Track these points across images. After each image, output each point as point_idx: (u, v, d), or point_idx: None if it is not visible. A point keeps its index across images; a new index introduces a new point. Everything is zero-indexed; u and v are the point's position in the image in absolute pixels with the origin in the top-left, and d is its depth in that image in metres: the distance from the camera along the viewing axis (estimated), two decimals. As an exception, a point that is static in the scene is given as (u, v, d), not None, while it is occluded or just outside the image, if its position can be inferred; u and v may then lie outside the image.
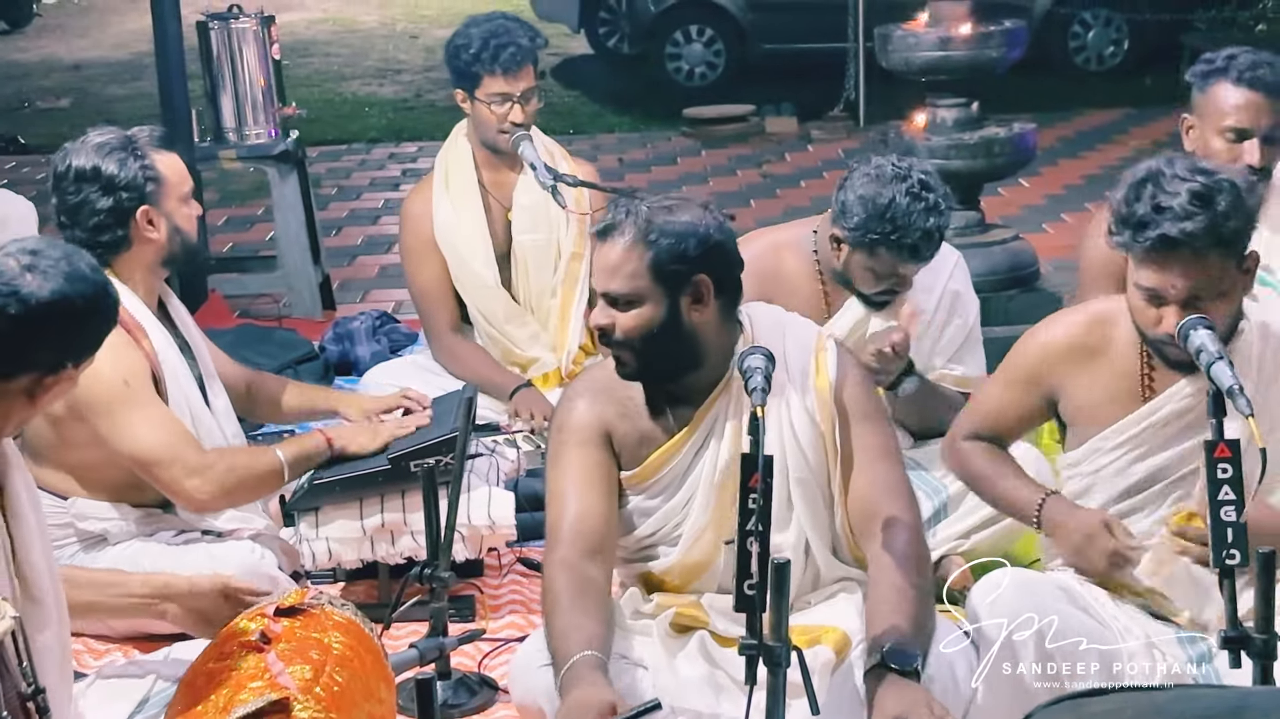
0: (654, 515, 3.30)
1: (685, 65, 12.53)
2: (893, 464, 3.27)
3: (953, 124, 6.01)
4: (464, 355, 4.90)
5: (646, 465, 3.27)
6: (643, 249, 3.15)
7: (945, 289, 4.24)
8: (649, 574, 3.35)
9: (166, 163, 3.92)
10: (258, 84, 6.76)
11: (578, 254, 4.97)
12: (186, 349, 4.04)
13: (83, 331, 2.75)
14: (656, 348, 3.18)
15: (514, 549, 4.38)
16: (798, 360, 3.29)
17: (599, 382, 3.31)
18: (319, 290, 6.99)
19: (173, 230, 3.92)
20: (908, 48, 5.95)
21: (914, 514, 3.22)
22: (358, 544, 4.00)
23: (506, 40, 4.78)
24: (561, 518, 3.20)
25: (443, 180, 4.98)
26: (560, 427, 3.31)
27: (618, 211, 3.20)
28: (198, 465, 3.77)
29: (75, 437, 3.81)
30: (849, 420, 3.26)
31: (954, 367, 4.24)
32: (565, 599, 3.05)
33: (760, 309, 3.38)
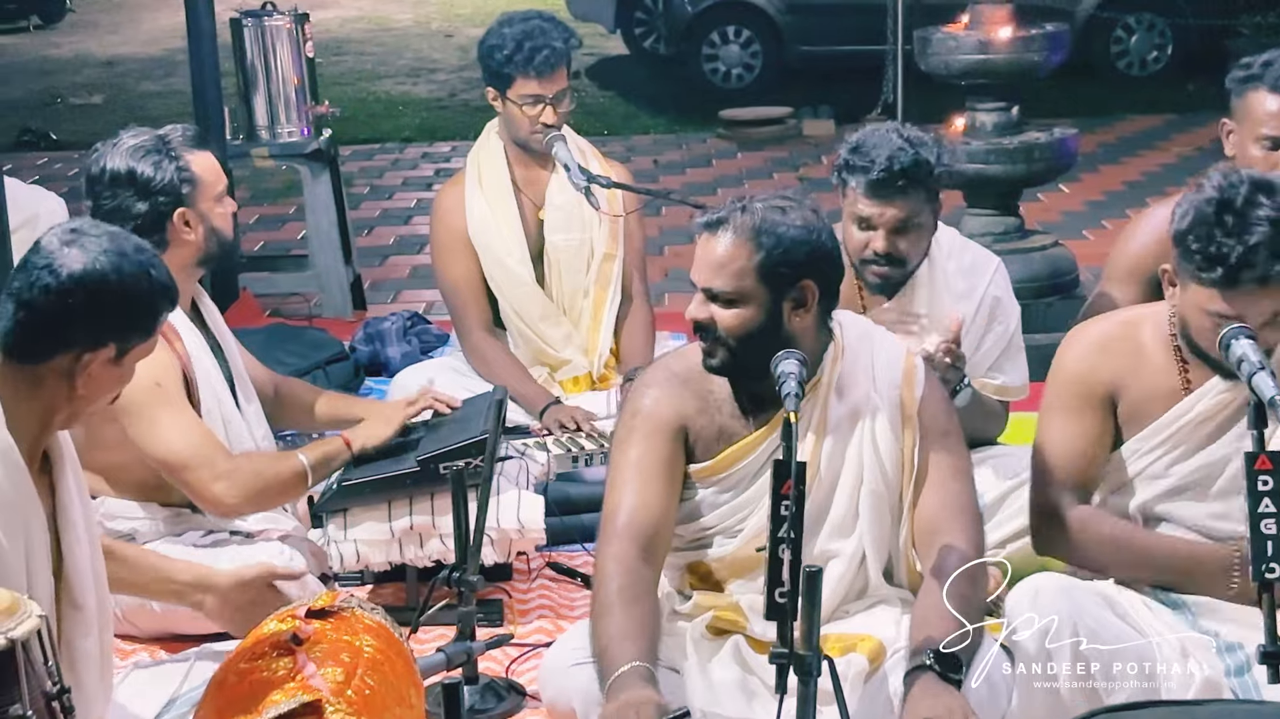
0: (720, 508, 3.30)
1: (722, 67, 12.52)
2: (964, 485, 3.28)
3: (992, 128, 6.00)
4: (494, 360, 4.90)
5: (720, 459, 3.27)
6: (752, 248, 3.14)
7: (985, 295, 4.22)
8: (698, 564, 3.34)
9: (201, 162, 3.94)
10: (291, 82, 6.78)
11: (610, 255, 4.97)
12: (218, 351, 4.06)
13: (119, 309, 2.75)
14: (752, 348, 3.16)
15: (543, 554, 4.38)
16: (886, 374, 3.30)
17: (679, 372, 3.31)
18: (350, 290, 7.01)
19: (209, 230, 3.94)
20: (948, 51, 5.94)
21: (976, 539, 3.23)
22: (386, 546, 4.01)
23: (540, 42, 4.78)
24: (619, 508, 3.19)
25: (475, 177, 4.99)
26: (632, 412, 3.30)
27: (731, 206, 3.19)
28: (224, 470, 3.79)
29: (105, 437, 3.83)
30: (929, 437, 3.28)
31: (994, 375, 4.22)
32: (618, 601, 3.05)
33: (848, 317, 3.38)
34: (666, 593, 3.36)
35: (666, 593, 3.36)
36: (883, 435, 3.27)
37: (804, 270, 3.16)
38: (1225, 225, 3.08)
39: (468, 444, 3.90)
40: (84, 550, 2.86)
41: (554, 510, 4.23)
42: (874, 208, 3.94)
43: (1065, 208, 8.90)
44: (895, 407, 3.28)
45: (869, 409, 3.26)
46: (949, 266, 4.17)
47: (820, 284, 3.20)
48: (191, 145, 3.94)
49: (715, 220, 3.18)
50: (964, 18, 6.01)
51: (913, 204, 3.94)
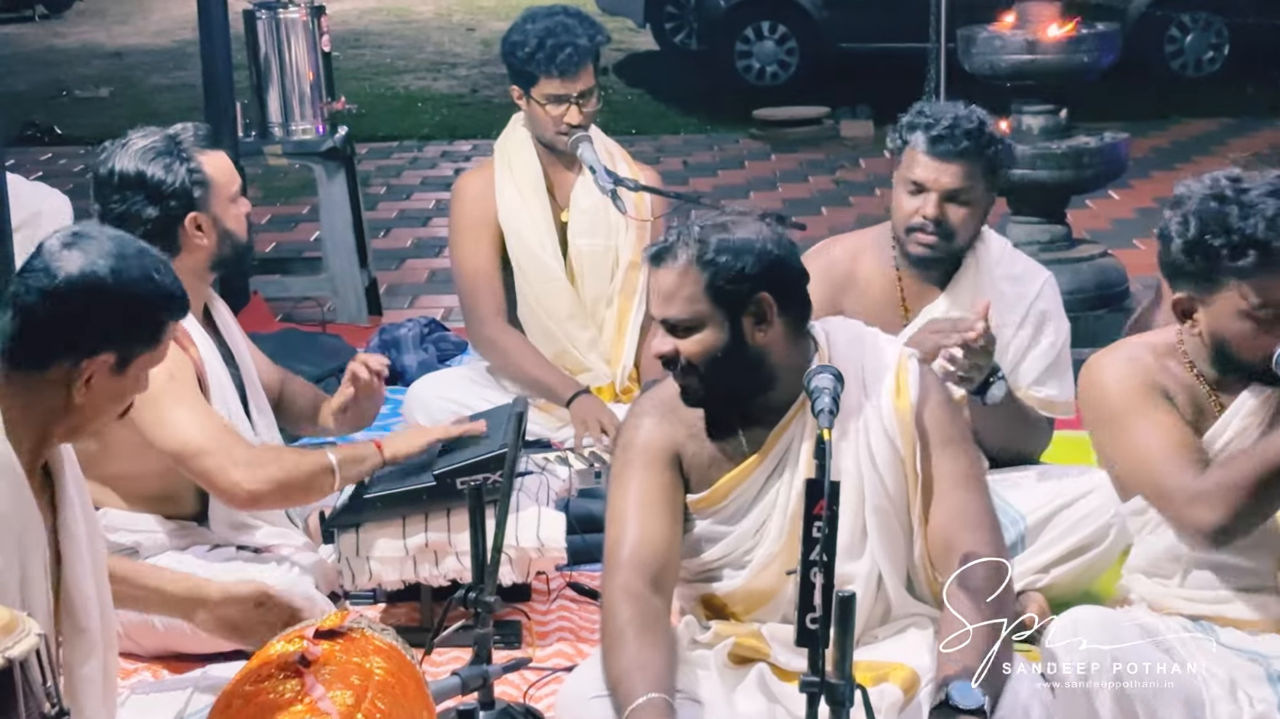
0: (722, 541, 3.30)
1: (756, 64, 12.53)
2: (976, 492, 3.26)
3: (1039, 132, 6.00)
4: (511, 348, 4.89)
5: (716, 489, 3.28)
6: (698, 271, 3.16)
7: (1032, 308, 4.23)
8: (710, 597, 3.35)
9: (214, 163, 3.95)
10: (306, 77, 6.81)
11: (636, 262, 4.97)
12: (231, 359, 4.07)
13: (117, 315, 2.75)
14: (722, 373, 3.19)
15: (564, 573, 4.38)
16: (877, 379, 3.28)
17: (667, 400, 3.31)
18: (365, 295, 7.03)
19: (223, 234, 3.96)
20: (993, 50, 5.94)
21: (997, 548, 3.21)
22: (400, 564, 4.01)
23: (565, 40, 4.78)
24: (621, 542, 3.21)
25: (505, 165, 4.98)
26: (626, 445, 3.32)
27: (669, 233, 3.23)
28: (245, 458, 3.79)
29: (119, 443, 3.82)
30: (931, 444, 3.26)
31: (1039, 389, 4.22)
32: (630, 632, 3.06)
33: (837, 324, 3.38)
34: (686, 621, 3.36)
35: (686, 621, 3.36)
36: (880, 446, 3.25)
37: (756, 283, 3.17)
38: (1234, 213, 3.18)
39: (486, 459, 3.90)
40: (86, 569, 2.86)
41: (575, 528, 4.23)
42: (930, 169, 4.04)
43: (1115, 215, 8.88)
44: (890, 414, 3.26)
45: (862, 420, 3.25)
46: (997, 273, 4.19)
47: (778, 294, 3.20)
48: (204, 145, 3.95)
49: (659, 251, 3.22)
50: (1010, 16, 6.00)
51: (970, 171, 4.05)
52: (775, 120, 11.31)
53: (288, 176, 9.41)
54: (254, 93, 6.89)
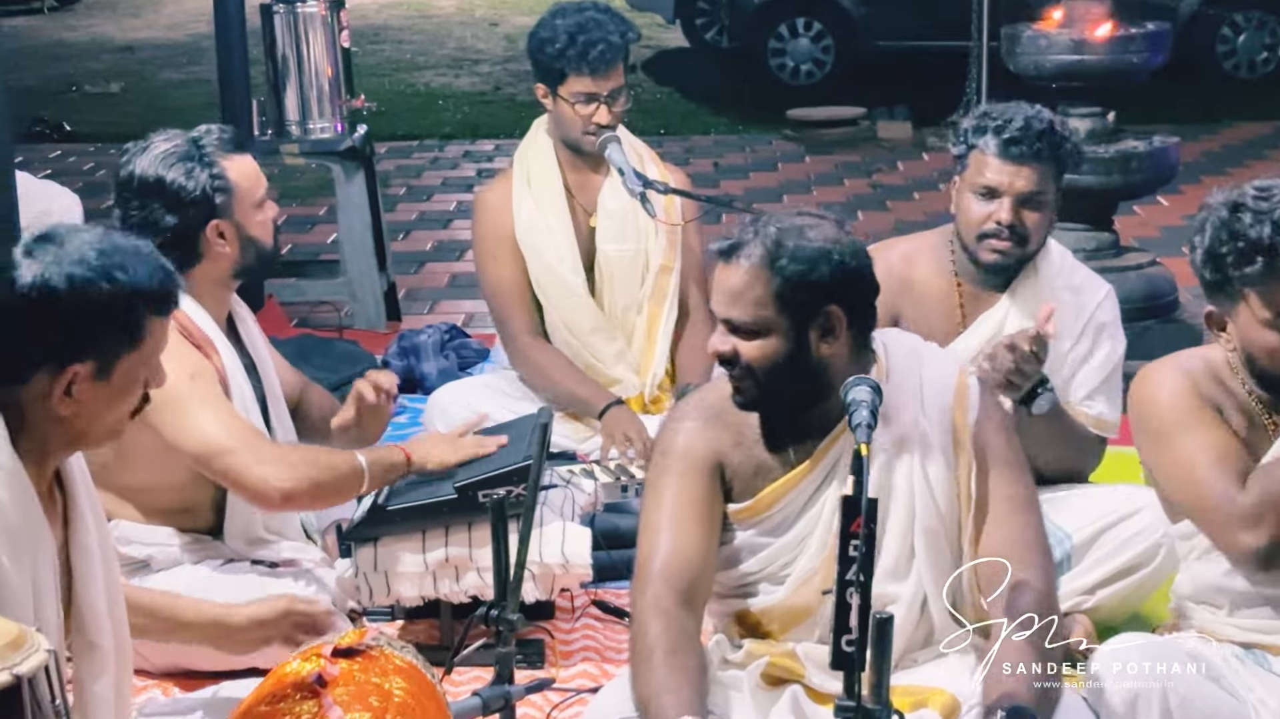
0: (762, 553, 3.29)
1: (790, 62, 12.53)
2: (1030, 517, 3.24)
3: (1086, 135, 5.97)
4: (546, 364, 4.91)
5: (760, 499, 3.26)
6: (769, 275, 3.13)
7: (1092, 319, 4.22)
8: (745, 613, 3.34)
9: (238, 169, 3.94)
10: (324, 74, 6.82)
11: (667, 267, 4.97)
12: (253, 370, 4.07)
13: (76, 322, 2.72)
14: (780, 381, 3.16)
15: (589, 591, 4.38)
16: (935, 396, 3.27)
17: (712, 405, 3.30)
18: (384, 299, 7.04)
19: (246, 241, 3.96)
20: (1038, 50, 5.92)
21: (1048, 575, 3.20)
22: (419, 580, 4.01)
23: (596, 36, 4.79)
24: (653, 554, 3.19)
25: (524, 178, 4.99)
26: (665, 450, 3.29)
27: (744, 230, 3.18)
28: (271, 456, 3.78)
29: (135, 452, 3.82)
30: (987, 466, 3.24)
31: (1090, 404, 4.21)
32: (660, 652, 3.05)
33: (895, 337, 3.36)
34: (717, 639, 3.35)
35: (717, 639, 3.35)
36: (934, 465, 3.23)
37: (829, 295, 3.14)
38: (1246, 220, 3.21)
39: (509, 471, 3.90)
40: (99, 585, 2.87)
41: (601, 544, 4.23)
42: (1004, 173, 4.01)
43: (1164, 222, 8.86)
44: (947, 432, 3.25)
45: (918, 437, 3.24)
46: (1058, 282, 4.19)
47: (849, 309, 3.17)
48: (228, 149, 3.94)
49: (729, 247, 3.18)
50: (1056, 14, 5.98)
51: (1044, 174, 4.03)
52: (810, 121, 11.31)
53: (304, 176, 9.44)
54: (270, 90, 6.90)
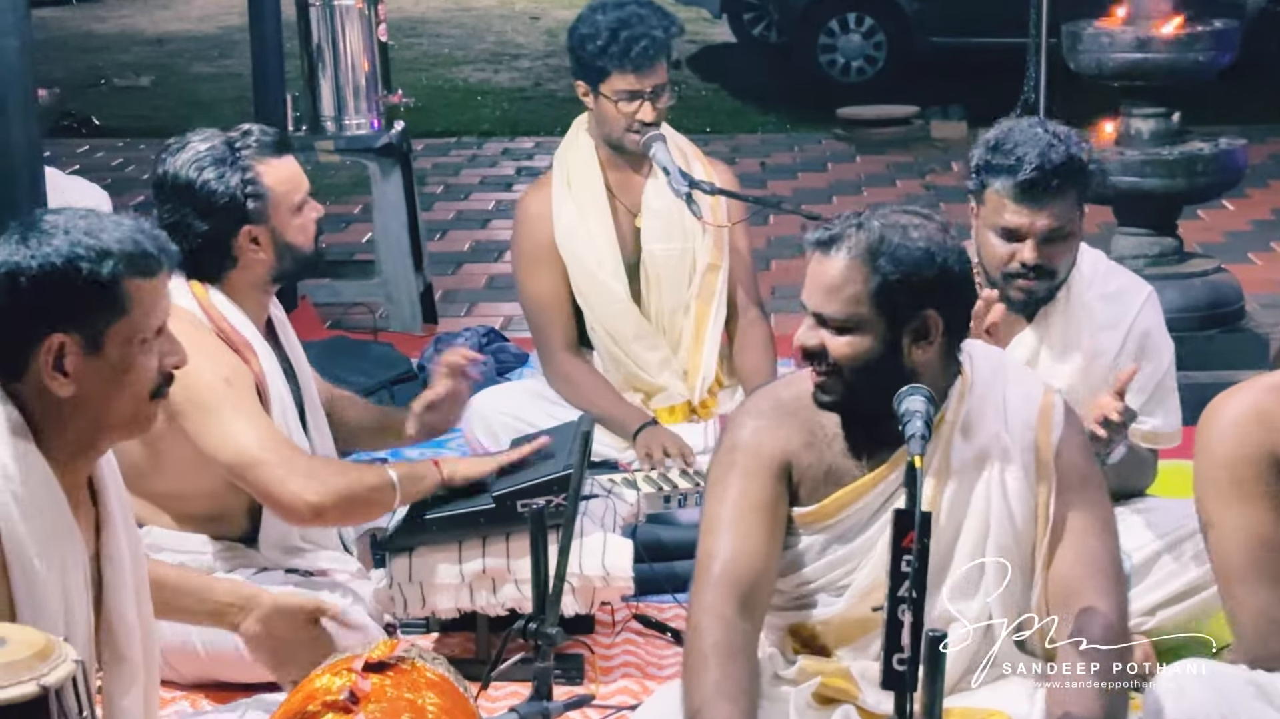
0: (825, 559, 3.28)
1: (841, 59, 12.52)
2: (1106, 542, 3.24)
3: (1149, 137, 5.95)
4: (581, 382, 4.93)
5: (828, 503, 3.25)
6: (868, 272, 3.12)
7: (1133, 327, 4.17)
8: (801, 625, 3.33)
9: (275, 173, 3.95)
10: (361, 68, 6.85)
11: (715, 266, 4.98)
12: (291, 374, 4.10)
13: (44, 296, 2.74)
14: (868, 383, 3.14)
15: (630, 604, 4.38)
16: (1020, 413, 3.27)
17: (785, 402, 3.29)
18: (420, 301, 7.06)
19: (282, 248, 3.97)
20: (1100, 48, 5.90)
21: (1119, 601, 3.20)
22: (455, 591, 4.02)
23: (638, 32, 4.80)
24: (715, 554, 3.18)
25: (564, 180, 5.01)
26: (731, 445, 3.28)
27: (846, 221, 3.17)
28: (304, 468, 3.81)
29: (168, 458, 3.86)
30: (1066, 486, 3.24)
31: (1143, 419, 4.17)
32: (714, 657, 3.05)
33: (980, 349, 3.35)
34: (769, 654, 3.34)
35: (769, 654, 3.34)
36: (1014, 483, 3.23)
37: (927, 299, 3.13)
38: None
39: (549, 480, 3.91)
40: (129, 595, 2.89)
41: (643, 556, 4.22)
42: (1024, 215, 3.90)
43: (1229, 228, 8.82)
44: (1029, 450, 3.25)
45: (998, 452, 3.23)
46: (1091, 293, 4.14)
47: (946, 315, 3.17)
48: (267, 152, 3.94)
49: (828, 238, 3.16)
50: (1120, 11, 5.96)
51: (1066, 209, 3.92)
52: (861, 120, 11.29)
53: (339, 174, 9.48)
54: (305, 84, 6.93)
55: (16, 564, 2.71)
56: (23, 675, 2.32)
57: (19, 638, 2.39)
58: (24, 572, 2.71)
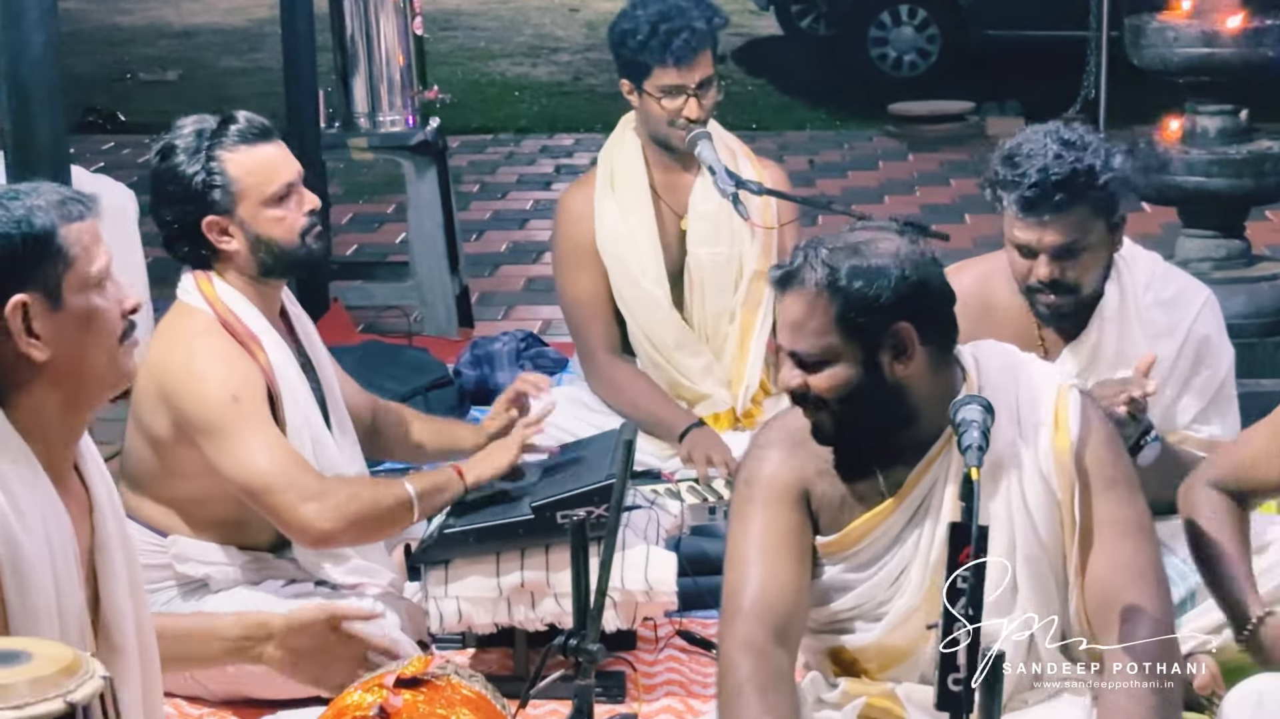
0: (855, 590, 3.29)
1: (892, 52, 12.50)
2: (1142, 542, 3.22)
3: (1216, 135, 5.93)
4: (625, 384, 4.94)
5: (849, 532, 3.26)
6: (827, 300, 3.14)
7: (1190, 332, 4.14)
8: (840, 650, 3.34)
9: (247, 162, 3.93)
10: (395, 63, 6.87)
11: (762, 272, 4.97)
12: (309, 368, 4.11)
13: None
14: (857, 410, 3.17)
15: (673, 620, 4.38)
16: (1033, 412, 3.25)
17: (796, 431, 3.30)
18: (455, 304, 7.07)
19: (255, 240, 3.95)
20: (1165, 42, 5.88)
21: (1163, 604, 3.19)
22: (492, 605, 4.03)
23: (680, 24, 4.80)
24: (742, 588, 3.20)
25: (607, 180, 5.02)
26: (749, 479, 3.31)
27: (795, 256, 3.20)
28: (316, 491, 3.84)
29: (182, 464, 3.90)
30: (1092, 487, 3.22)
31: (1200, 427, 4.15)
32: (751, 691, 3.06)
33: (989, 349, 3.35)
34: (811, 677, 3.34)
35: (811, 677, 3.34)
36: (1032, 488, 3.22)
37: (894, 313, 3.14)
38: None
39: (590, 490, 3.91)
40: (122, 584, 2.92)
41: (687, 570, 4.23)
42: (1030, 231, 3.89)
43: (1298, 229, 8.78)
44: (1047, 453, 3.23)
45: (1014, 458, 3.22)
46: (1146, 299, 4.11)
47: (919, 322, 3.17)
48: (243, 140, 3.94)
49: (783, 275, 3.20)
50: (1185, 4, 5.94)
51: (1075, 223, 3.88)
52: (913, 116, 11.28)
53: (372, 172, 9.51)
54: (338, 79, 6.96)
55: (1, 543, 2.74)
56: (49, 693, 2.33)
57: (45, 653, 2.40)
58: (7, 544, 2.73)
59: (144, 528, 3.95)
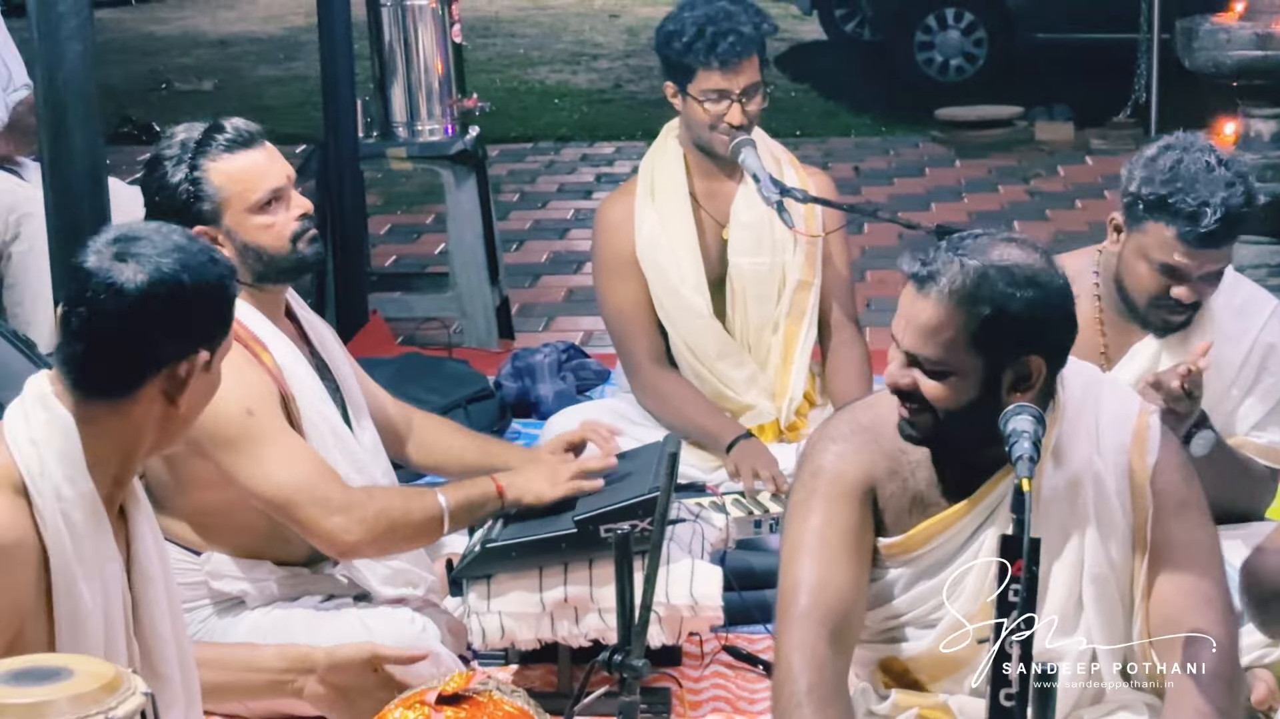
0: (912, 592, 3.28)
1: (939, 56, 12.48)
2: (1210, 567, 3.22)
3: (1270, 139, 5.94)
4: (671, 394, 4.94)
5: (914, 534, 3.24)
6: (967, 316, 3.08)
7: (1257, 340, 4.16)
8: (892, 660, 3.33)
9: (229, 170, 3.93)
10: (434, 71, 6.89)
11: (806, 282, 4.98)
12: (326, 373, 4.13)
13: (202, 308, 2.88)
14: (960, 422, 3.13)
15: (719, 635, 4.39)
16: (1113, 435, 3.25)
17: (867, 426, 3.29)
18: (495, 315, 7.09)
19: (243, 248, 3.94)
20: (1217, 45, 5.88)
21: (1229, 629, 3.18)
22: (535, 621, 4.03)
23: (726, 27, 4.81)
24: (799, 584, 3.17)
25: (648, 188, 5.03)
26: (814, 471, 3.28)
27: (944, 255, 3.11)
28: (342, 503, 3.84)
29: (196, 476, 3.90)
30: (1165, 510, 3.22)
31: (1260, 434, 4.16)
32: (809, 704, 3.04)
33: (1073, 368, 3.30)
34: (861, 689, 3.34)
35: (861, 689, 3.34)
36: (1107, 509, 3.22)
37: (1030, 344, 3.11)
38: None
39: (634, 503, 3.92)
40: (163, 612, 2.94)
41: (732, 584, 4.22)
42: (1194, 259, 3.92)
43: (1356, 234, 8.73)
44: (1123, 474, 3.23)
45: (1091, 477, 3.22)
46: (1216, 304, 4.13)
47: (1049, 357, 3.15)
48: (227, 147, 3.93)
49: (926, 274, 3.11)
50: (1238, 5, 5.94)
51: (1228, 251, 3.98)
52: (960, 121, 11.25)
53: (411, 181, 9.53)
54: (376, 88, 6.98)
55: (62, 588, 2.78)
56: (90, 709, 2.35)
57: (86, 669, 2.42)
58: (68, 596, 2.77)
59: (176, 545, 3.96)
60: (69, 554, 2.78)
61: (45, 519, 2.79)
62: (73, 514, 2.79)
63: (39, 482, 2.80)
